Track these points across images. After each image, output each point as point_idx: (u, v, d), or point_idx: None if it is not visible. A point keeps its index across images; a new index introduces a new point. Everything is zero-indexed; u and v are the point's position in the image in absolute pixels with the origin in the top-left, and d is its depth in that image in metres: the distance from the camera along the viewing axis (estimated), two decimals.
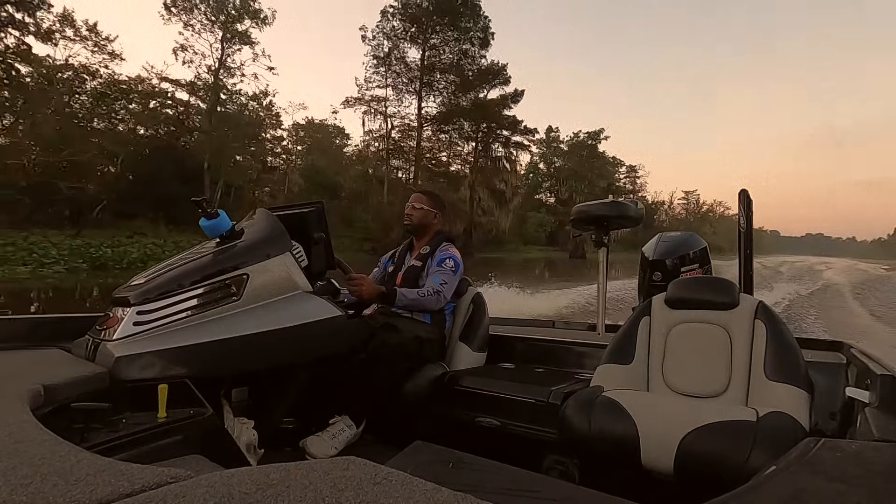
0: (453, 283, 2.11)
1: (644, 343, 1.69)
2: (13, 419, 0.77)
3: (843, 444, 0.81)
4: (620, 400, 1.41)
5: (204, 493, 0.49)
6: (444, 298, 2.06)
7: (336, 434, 1.71)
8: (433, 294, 2.01)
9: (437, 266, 2.10)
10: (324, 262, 1.77)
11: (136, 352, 1.25)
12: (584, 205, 2.65)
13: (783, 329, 1.55)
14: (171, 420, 1.06)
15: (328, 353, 1.64)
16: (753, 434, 1.19)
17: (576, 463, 1.62)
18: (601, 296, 2.62)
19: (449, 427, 1.82)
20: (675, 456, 1.25)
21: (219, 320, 1.38)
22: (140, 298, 1.34)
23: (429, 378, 1.93)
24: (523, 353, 2.29)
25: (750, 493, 0.67)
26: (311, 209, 1.81)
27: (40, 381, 1.00)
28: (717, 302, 1.64)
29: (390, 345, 1.82)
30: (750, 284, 2.25)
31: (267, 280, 1.49)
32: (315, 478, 0.53)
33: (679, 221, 71.02)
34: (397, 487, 0.51)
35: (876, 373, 1.13)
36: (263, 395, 1.65)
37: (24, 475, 0.57)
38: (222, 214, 1.55)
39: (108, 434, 0.96)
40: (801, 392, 1.41)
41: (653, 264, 2.63)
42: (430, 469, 1.13)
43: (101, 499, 0.52)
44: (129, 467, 0.59)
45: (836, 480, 0.67)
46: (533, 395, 1.73)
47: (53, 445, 0.67)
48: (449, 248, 2.19)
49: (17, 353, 1.32)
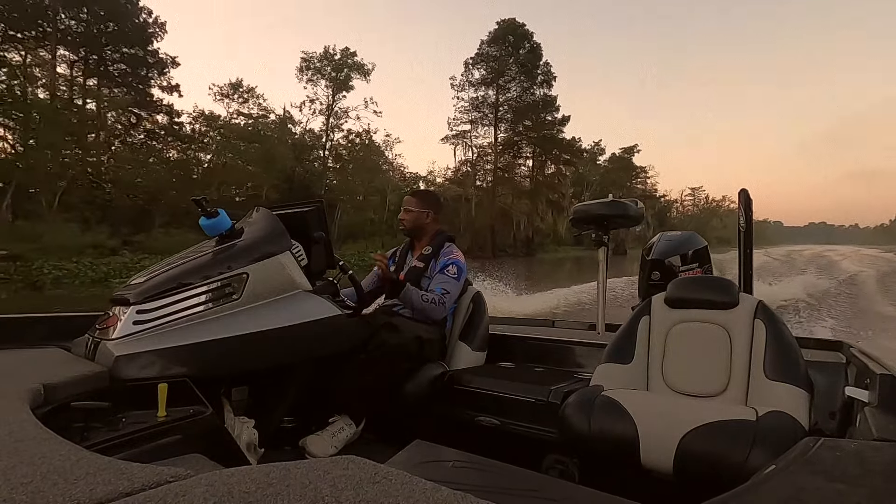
0: (456, 291, 2.11)
1: (644, 342, 1.69)
2: (13, 418, 0.77)
3: (842, 443, 0.81)
4: (620, 399, 1.41)
5: (204, 492, 0.49)
6: (446, 309, 2.05)
7: (336, 433, 1.71)
8: (437, 304, 2.01)
9: (440, 272, 2.09)
10: (324, 262, 1.77)
11: (136, 351, 1.25)
12: (584, 204, 2.65)
13: (783, 328, 1.55)
14: (170, 419, 1.06)
15: (328, 352, 1.64)
16: (753, 433, 1.19)
17: (575, 462, 1.62)
18: (601, 295, 2.62)
19: (449, 426, 1.82)
20: (675, 455, 1.25)
21: (218, 319, 1.38)
22: (140, 298, 1.34)
23: (429, 377, 1.93)
24: (523, 352, 2.29)
25: (749, 493, 0.67)
26: (310, 208, 1.81)
27: (40, 380, 1.00)
28: (717, 301, 1.64)
29: (390, 344, 1.82)
30: (750, 284, 2.25)
31: (267, 279, 1.49)
32: (315, 477, 0.53)
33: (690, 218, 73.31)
34: (397, 486, 0.51)
35: (875, 372, 1.13)
36: (263, 394, 1.65)
37: (24, 474, 0.57)
38: (222, 213, 1.55)
39: (107, 433, 0.97)
40: (801, 391, 1.41)
41: (652, 264, 2.63)
42: (430, 468, 1.13)
43: (101, 498, 0.52)
44: (129, 466, 0.59)
45: (835, 480, 0.67)
46: (533, 394, 1.73)
47: (53, 444, 0.67)
48: (452, 251, 2.17)
49: (17, 353, 1.32)
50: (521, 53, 38.64)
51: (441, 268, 2.10)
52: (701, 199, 79.46)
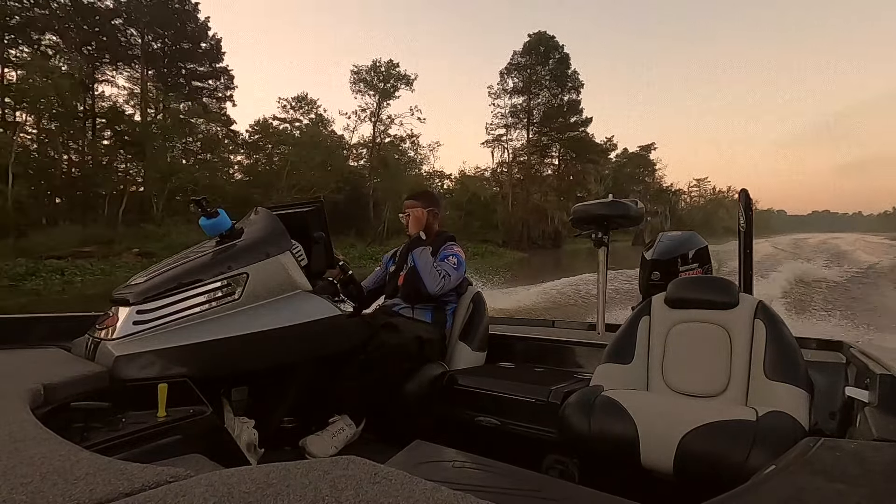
0: (456, 279, 2.11)
1: (644, 342, 1.69)
2: (13, 418, 0.77)
3: (842, 443, 0.81)
4: (620, 399, 1.41)
5: (204, 493, 0.49)
6: (444, 286, 2.05)
7: (336, 433, 1.71)
8: (440, 278, 2.02)
9: (439, 262, 2.10)
10: (324, 262, 1.77)
11: (136, 351, 1.25)
12: (584, 204, 2.64)
13: (783, 328, 1.55)
14: (170, 419, 1.06)
15: (328, 352, 1.64)
16: (753, 433, 1.19)
17: (575, 462, 1.62)
18: (601, 295, 2.61)
19: (449, 426, 1.82)
20: (675, 455, 1.25)
21: (218, 319, 1.38)
22: (139, 298, 1.34)
23: (429, 377, 1.93)
24: (523, 352, 2.29)
25: (749, 493, 0.67)
26: (310, 208, 1.80)
27: (40, 380, 1.00)
28: (717, 301, 1.64)
29: (390, 344, 1.82)
30: (750, 284, 2.25)
31: (267, 279, 1.49)
32: (315, 477, 0.53)
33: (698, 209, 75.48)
34: (397, 486, 0.51)
35: (875, 372, 1.13)
36: (263, 394, 1.65)
37: (24, 474, 0.57)
38: (222, 213, 1.54)
39: (107, 433, 0.97)
40: (801, 392, 1.41)
41: (652, 264, 2.63)
42: (430, 468, 1.13)
43: (101, 498, 0.52)
44: (129, 466, 0.59)
45: (835, 480, 0.67)
46: (533, 394, 1.73)
47: (53, 445, 0.67)
48: (453, 247, 2.19)
49: (17, 353, 1.32)
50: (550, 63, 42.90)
51: (441, 259, 2.11)
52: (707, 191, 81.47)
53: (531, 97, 42.97)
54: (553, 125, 42.96)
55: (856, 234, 69.05)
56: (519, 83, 43.07)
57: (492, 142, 43.70)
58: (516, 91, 43.24)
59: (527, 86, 42.81)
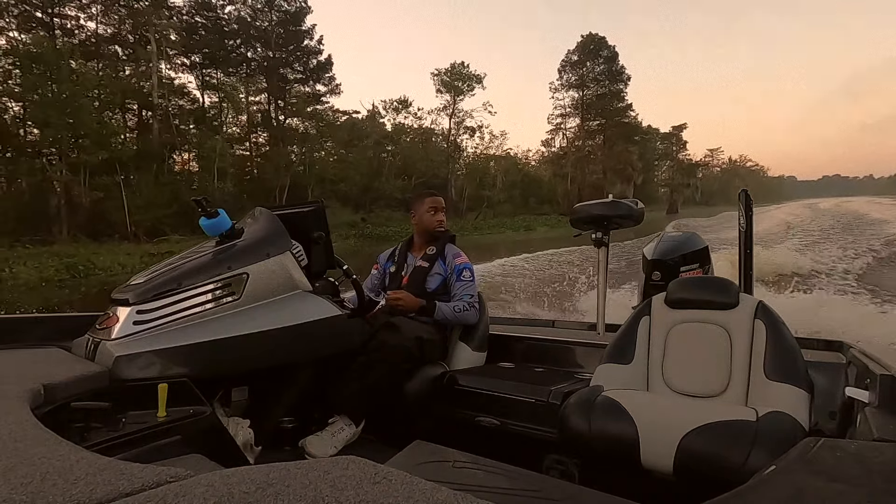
0: (475, 290, 2.20)
1: (644, 343, 1.69)
2: (13, 418, 0.77)
3: (842, 443, 0.81)
4: (620, 400, 1.41)
5: (204, 492, 0.49)
6: (477, 311, 2.15)
7: (335, 433, 1.71)
8: (470, 309, 2.11)
9: (458, 280, 2.15)
10: (324, 262, 1.77)
11: (136, 351, 1.25)
12: (584, 204, 2.64)
13: (783, 329, 1.55)
14: (170, 419, 1.06)
15: (328, 352, 1.64)
16: (753, 434, 1.19)
17: (575, 462, 1.62)
18: (601, 295, 2.61)
19: (449, 426, 1.82)
20: (675, 455, 1.25)
21: (218, 320, 1.38)
22: (139, 298, 1.34)
23: (429, 377, 1.93)
24: (523, 352, 2.29)
25: (749, 493, 0.67)
26: (311, 208, 1.81)
27: (40, 380, 1.00)
28: (717, 302, 1.64)
29: (390, 345, 1.82)
30: (750, 284, 2.25)
31: (267, 279, 1.49)
32: (315, 477, 0.53)
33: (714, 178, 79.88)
34: (397, 487, 0.51)
35: (875, 373, 1.13)
36: (263, 394, 1.65)
37: (24, 474, 0.57)
38: (222, 213, 1.54)
39: (107, 433, 0.97)
40: (801, 392, 1.41)
41: (653, 264, 2.63)
42: (430, 468, 1.13)
43: (101, 498, 0.52)
44: (129, 466, 0.59)
45: (835, 480, 0.67)
46: (533, 394, 1.73)
47: (53, 444, 0.68)
48: (459, 253, 2.21)
49: (17, 353, 1.32)
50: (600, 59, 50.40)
51: (457, 274, 2.16)
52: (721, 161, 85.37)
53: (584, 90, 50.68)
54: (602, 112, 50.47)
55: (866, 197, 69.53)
56: (573, 78, 51.14)
57: (553, 130, 52.86)
58: (571, 85, 51.17)
59: (580, 80, 50.78)
